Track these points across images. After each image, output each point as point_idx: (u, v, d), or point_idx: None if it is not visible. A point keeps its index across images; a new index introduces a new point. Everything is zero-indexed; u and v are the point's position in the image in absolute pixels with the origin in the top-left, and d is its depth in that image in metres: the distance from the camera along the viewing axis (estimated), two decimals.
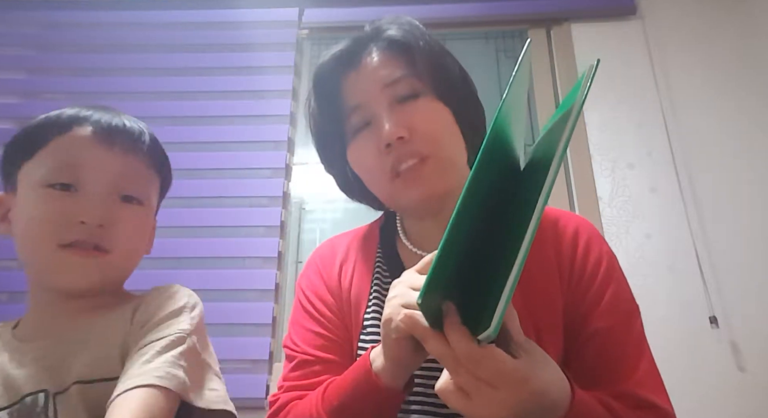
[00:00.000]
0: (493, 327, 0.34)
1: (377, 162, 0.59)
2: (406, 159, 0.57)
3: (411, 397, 0.56)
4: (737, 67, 1.64)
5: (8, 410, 0.48)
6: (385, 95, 0.59)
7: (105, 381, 0.48)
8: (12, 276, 1.47)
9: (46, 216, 0.52)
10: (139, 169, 0.58)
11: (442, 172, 0.58)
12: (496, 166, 0.42)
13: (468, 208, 0.36)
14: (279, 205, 1.56)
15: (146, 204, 0.60)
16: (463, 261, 0.40)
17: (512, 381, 0.37)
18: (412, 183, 0.58)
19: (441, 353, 0.38)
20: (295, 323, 0.67)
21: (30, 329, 0.55)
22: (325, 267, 0.69)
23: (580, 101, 0.39)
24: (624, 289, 0.59)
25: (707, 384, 1.30)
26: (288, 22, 1.80)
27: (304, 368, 0.62)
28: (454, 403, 0.39)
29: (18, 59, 1.77)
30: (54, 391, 0.49)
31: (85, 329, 0.53)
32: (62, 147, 0.54)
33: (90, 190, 0.54)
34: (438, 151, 0.58)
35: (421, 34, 0.62)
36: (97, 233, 0.53)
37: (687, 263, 1.43)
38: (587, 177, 1.56)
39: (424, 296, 0.34)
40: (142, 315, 0.53)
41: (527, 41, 0.48)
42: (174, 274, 1.47)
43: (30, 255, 0.54)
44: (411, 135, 0.57)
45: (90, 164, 0.54)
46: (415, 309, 0.40)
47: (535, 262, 0.58)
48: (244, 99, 1.69)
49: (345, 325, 0.64)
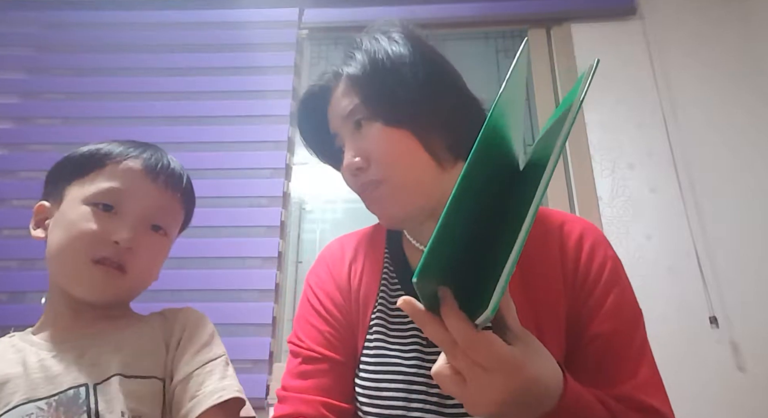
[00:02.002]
0: (491, 308, 0.34)
1: (352, 184, 0.64)
2: (366, 186, 0.62)
3: (413, 394, 0.57)
4: (737, 67, 1.64)
5: (48, 399, 0.53)
6: (347, 125, 0.63)
7: (140, 378, 0.57)
8: (12, 276, 1.47)
9: (87, 230, 0.59)
10: (173, 204, 0.66)
11: (398, 196, 0.60)
12: (493, 160, 0.42)
13: (463, 199, 0.36)
14: (279, 206, 1.56)
15: (169, 235, 0.67)
16: (463, 252, 0.40)
17: (507, 366, 0.37)
18: (374, 207, 0.64)
19: (438, 336, 0.39)
20: (301, 319, 0.68)
21: (60, 331, 0.61)
22: (335, 265, 0.70)
23: (578, 101, 0.39)
24: (628, 293, 0.59)
25: (707, 384, 1.30)
26: (288, 22, 1.80)
27: (309, 364, 0.62)
28: (449, 387, 0.40)
29: (18, 59, 1.77)
30: (94, 382, 0.55)
31: (116, 335, 0.61)
32: (115, 173, 0.62)
33: (127, 215, 0.61)
34: (392, 176, 0.60)
35: (382, 59, 0.60)
36: (124, 254, 0.60)
37: (687, 263, 1.43)
38: (587, 177, 1.56)
39: (420, 277, 0.34)
40: (186, 341, 0.62)
41: (524, 40, 0.48)
42: (174, 274, 1.47)
43: (62, 262, 0.60)
44: (368, 162, 0.60)
45: (134, 193, 0.62)
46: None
47: (539, 263, 0.59)
48: (244, 99, 1.69)
49: (351, 325, 0.64)
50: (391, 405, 0.57)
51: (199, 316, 0.66)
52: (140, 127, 1.65)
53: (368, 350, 0.61)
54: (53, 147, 1.63)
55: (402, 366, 0.58)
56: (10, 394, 0.53)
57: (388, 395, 0.57)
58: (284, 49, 1.76)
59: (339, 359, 0.62)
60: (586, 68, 0.42)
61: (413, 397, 0.56)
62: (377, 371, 0.59)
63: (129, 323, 0.64)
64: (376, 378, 0.59)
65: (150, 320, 0.65)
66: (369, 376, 0.60)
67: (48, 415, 0.52)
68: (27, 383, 0.54)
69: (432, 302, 0.39)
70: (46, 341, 0.59)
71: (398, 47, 0.61)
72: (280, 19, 1.80)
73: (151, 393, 0.57)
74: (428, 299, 0.38)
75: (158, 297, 1.15)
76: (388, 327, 0.62)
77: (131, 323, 0.63)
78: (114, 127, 1.64)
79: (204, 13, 1.81)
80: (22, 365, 0.56)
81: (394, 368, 0.59)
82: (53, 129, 1.67)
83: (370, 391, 0.59)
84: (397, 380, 0.58)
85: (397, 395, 0.57)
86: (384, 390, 0.58)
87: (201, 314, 0.67)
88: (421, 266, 0.34)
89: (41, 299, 0.64)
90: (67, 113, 1.69)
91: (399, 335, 0.61)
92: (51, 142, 1.63)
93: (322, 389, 0.60)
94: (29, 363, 0.56)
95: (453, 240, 0.37)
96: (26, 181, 1.59)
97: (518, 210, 0.37)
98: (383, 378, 0.59)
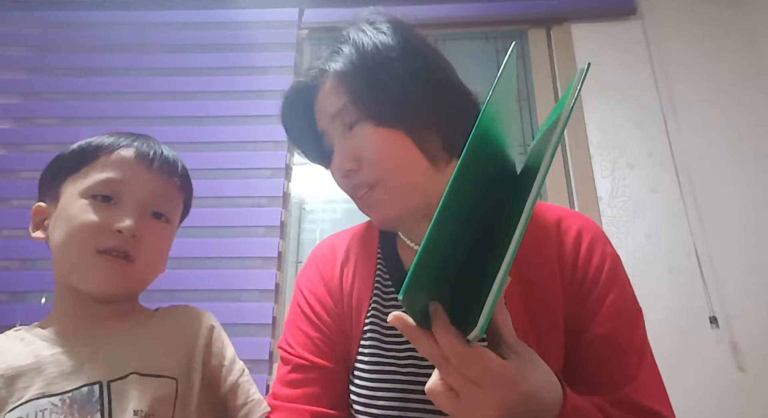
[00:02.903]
0: (480, 326, 0.33)
1: (343, 186, 0.63)
2: (359, 189, 0.60)
3: (410, 403, 0.56)
4: (737, 67, 1.64)
5: (62, 396, 0.53)
6: (336, 125, 0.60)
7: (155, 377, 0.57)
8: (12, 276, 1.46)
9: (89, 222, 0.58)
10: (170, 189, 0.66)
11: (394, 197, 0.59)
12: (484, 167, 0.41)
13: (452, 207, 0.35)
14: (279, 206, 1.56)
15: (171, 222, 0.66)
16: (456, 262, 0.39)
17: (501, 382, 0.37)
18: (367, 210, 0.62)
19: (430, 352, 0.38)
20: (291, 324, 0.66)
21: (71, 329, 0.60)
22: (325, 268, 0.68)
23: (569, 106, 0.39)
24: (627, 292, 0.58)
25: (707, 384, 1.30)
26: (288, 22, 1.80)
27: (299, 373, 0.61)
28: (443, 403, 0.39)
29: (18, 59, 1.77)
30: (109, 379, 0.55)
31: (131, 333, 0.60)
32: (108, 164, 0.61)
33: (127, 204, 0.60)
34: (386, 178, 0.58)
35: (371, 52, 0.58)
36: (130, 242, 0.59)
37: (687, 263, 1.43)
38: (587, 177, 1.56)
39: (406, 293, 0.33)
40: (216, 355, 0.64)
41: (512, 44, 0.48)
42: (174, 274, 1.47)
43: (67, 257, 0.59)
44: (359, 165, 0.59)
45: (130, 181, 0.61)
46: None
47: (536, 263, 0.58)
48: (244, 99, 1.69)
49: (343, 330, 0.63)
50: (388, 414, 0.56)
51: (219, 325, 0.68)
52: (140, 127, 1.63)
53: (363, 356, 0.60)
54: (53, 147, 1.61)
55: (398, 374, 0.57)
56: (23, 387, 0.52)
57: (384, 405, 0.56)
58: (284, 49, 1.76)
59: (329, 365, 0.61)
60: (577, 72, 0.42)
61: (410, 406, 0.55)
62: (372, 379, 0.58)
63: (142, 321, 0.63)
64: (372, 386, 0.58)
65: (163, 317, 0.65)
66: (364, 383, 0.58)
67: (61, 411, 0.52)
68: (41, 377, 0.53)
69: (423, 316, 0.38)
70: (57, 336, 0.58)
71: (386, 38, 0.59)
72: (280, 19, 1.80)
73: (165, 393, 0.57)
74: (419, 313, 0.38)
75: (158, 297, 1.14)
76: (382, 332, 0.61)
77: (144, 321, 0.63)
78: (114, 128, 1.62)
79: (204, 13, 1.81)
80: (35, 357, 0.55)
81: (389, 376, 0.57)
82: (53, 129, 1.67)
83: (366, 398, 0.58)
84: (393, 387, 0.56)
85: (393, 405, 0.56)
86: (380, 399, 0.57)
87: (215, 320, 0.69)
88: (407, 284, 0.33)
89: (41, 299, 0.63)
90: (67, 113, 1.69)
91: (394, 340, 0.60)
92: (51, 142, 1.63)
93: (311, 398, 0.59)
94: (42, 357, 0.55)
95: (442, 251, 0.37)
96: (26, 181, 1.59)
97: (512, 220, 0.36)
98: (379, 386, 0.57)
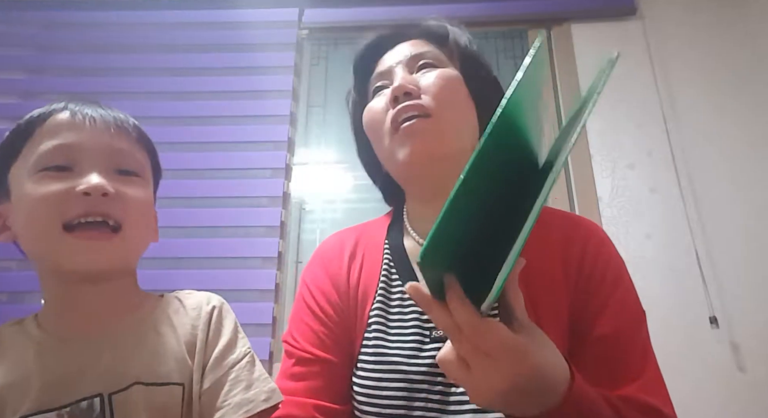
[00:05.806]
0: (493, 293, 0.33)
1: (382, 116, 0.63)
2: (409, 112, 0.60)
3: (414, 393, 0.56)
4: (737, 67, 1.64)
5: (60, 411, 0.48)
6: (408, 64, 0.64)
7: (160, 385, 0.51)
8: (12, 276, 1.47)
9: (48, 195, 0.50)
10: (126, 144, 0.57)
11: (441, 132, 0.60)
12: (506, 149, 0.40)
13: (473, 182, 0.35)
14: (279, 206, 1.56)
15: (145, 177, 0.58)
16: (472, 242, 0.39)
17: (511, 354, 0.37)
18: (407, 139, 0.60)
19: (443, 322, 0.38)
20: (296, 318, 0.66)
21: (65, 327, 0.53)
22: (332, 262, 0.68)
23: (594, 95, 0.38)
24: (631, 295, 0.59)
25: (707, 384, 1.31)
26: (288, 22, 1.80)
27: (302, 366, 0.61)
28: (454, 373, 0.39)
29: (18, 59, 1.77)
30: (110, 391, 0.49)
31: (134, 333, 0.54)
32: (47, 133, 0.53)
33: (86, 166, 0.52)
34: (441, 111, 0.60)
35: (460, 31, 0.69)
36: (103, 204, 0.51)
37: (687, 263, 1.43)
38: (587, 177, 1.56)
39: (424, 258, 0.34)
40: (211, 341, 0.56)
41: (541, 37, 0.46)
42: (174, 274, 1.48)
43: (36, 242, 0.52)
44: (419, 92, 0.61)
45: (79, 143, 0.53)
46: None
47: (541, 263, 0.58)
48: (244, 99, 1.69)
49: (348, 323, 0.63)
50: (392, 404, 0.56)
51: (222, 308, 0.60)
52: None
53: (366, 348, 0.60)
54: None
55: (402, 365, 0.57)
56: (21, 397, 0.48)
57: (389, 394, 0.56)
58: (284, 49, 1.76)
59: (332, 359, 0.61)
60: (604, 61, 0.39)
61: (415, 395, 0.56)
62: (376, 370, 0.58)
63: (143, 314, 0.56)
64: (376, 377, 0.58)
65: (167, 309, 0.58)
66: (368, 374, 0.59)
67: None
68: (39, 386, 0.48)
69: (438, 289, 0.38)
70: (51, 334, 0.53)
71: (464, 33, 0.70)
72: (280, 19, 1.80)
73: (171, 402, 0.51)
74: (434, 285, 0.38)
75: None
76: (387, 324, 0.61)
77: (146, 314, 0.56)
78: None
79: (204, 13, 1.81)
80: (34, 361, 0.50)
81: (394, 367, 0.58)
82: None
83: (370, 389, 0.58)
84: (396, 377, 0.57)
85: (397, 394, 0.56)
86: (384, 389, 0.57)
87: (222, 303, 0.60)
88: (426, 246, 0.33)
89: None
90: None
91: (398, 332, 0.60)
92: None
93: (314, 392, 0.59)
94: (41, 361, 0.50)
95: (460, 226, 0.37)
96: None
97: (527, 207, 0.37)
98: (383, 377, 0.57)
